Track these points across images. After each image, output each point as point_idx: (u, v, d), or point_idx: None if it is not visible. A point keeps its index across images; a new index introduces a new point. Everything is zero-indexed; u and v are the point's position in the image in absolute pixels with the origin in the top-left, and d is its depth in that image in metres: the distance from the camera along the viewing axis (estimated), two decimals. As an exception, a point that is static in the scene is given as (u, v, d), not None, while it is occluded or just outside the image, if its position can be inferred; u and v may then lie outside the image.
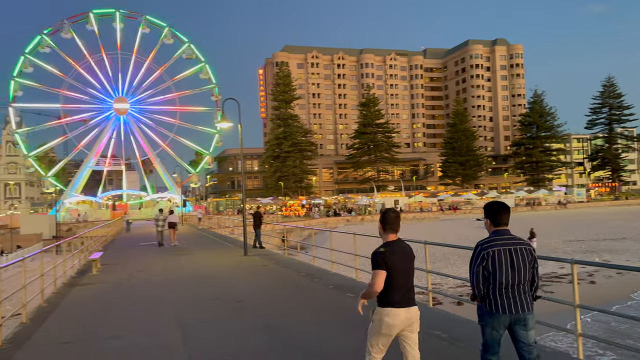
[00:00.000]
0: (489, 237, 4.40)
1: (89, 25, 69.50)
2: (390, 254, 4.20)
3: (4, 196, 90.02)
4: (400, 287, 4.22)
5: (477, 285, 4.33)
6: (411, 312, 4.26)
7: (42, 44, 67.19)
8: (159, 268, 15.77)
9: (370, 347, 4.29)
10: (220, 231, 36.27)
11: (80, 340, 7.30)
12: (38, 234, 46.46)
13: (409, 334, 4.29)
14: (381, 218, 4.42)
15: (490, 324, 4.30)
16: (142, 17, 71.45)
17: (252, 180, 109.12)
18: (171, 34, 72.81)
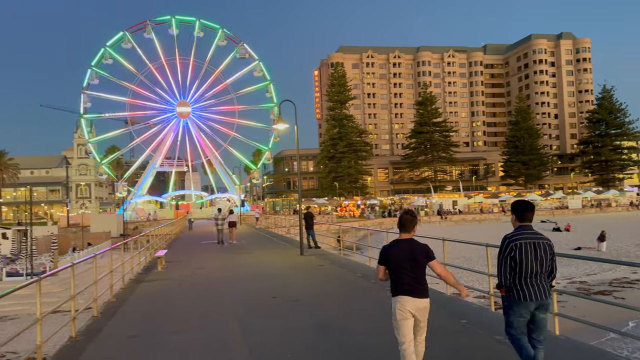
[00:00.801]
0: (515, 231, 4.95)
1: (170, 30, 72.66)
2: (393, 250, 4.89)
3: (76, 196, 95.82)
4: (405, 279, 4.79)
5: (504, 274, 4.84)
6: (419, 302, 4.77)
7: (125, 40, 71.06)
8: (220, 266, 16.21)
9: (397, 336, 4.84)
10: (276, 230, 36.84)
11: (146, 334, 7.62)
12: (107, 232, 49.05)
13: (417, 322, 4.82)
14: (399, 221, 5.05)
15: (517, 311, 4.80)
16: (221, 30, 73.86)
17: (308, 181, 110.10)
18: (244, 49, 74.69)
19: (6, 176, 79.64)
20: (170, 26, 73.26)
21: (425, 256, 4.84)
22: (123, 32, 71.23)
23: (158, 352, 6.65)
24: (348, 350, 6.39)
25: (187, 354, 6.52)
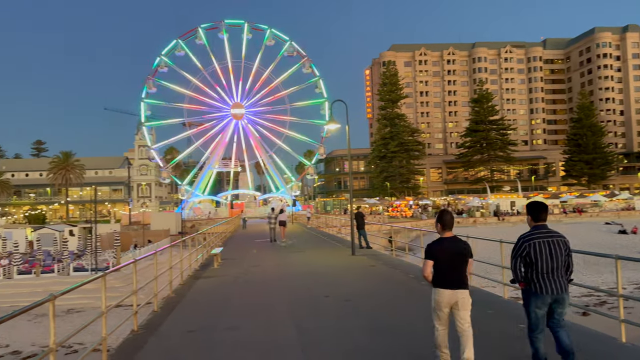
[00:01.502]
0: (530, 231, 5.33)
1: (220, 34, 74.73)
2: (438, 246, 5.38)
3: (137, 195, 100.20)
4: (446, 273, 5.30)
5: (516, 270, 5.34)
6: (457, 293, 5.27)
7: (178, 47, 73.77)
8: (273, 264, 16.47)
9: (434, 321, 5.47)
10: (327, 230, 36.98)
11: (204, 329, 7.86)
12: (166, 229, 50.98)
13: (456, 311, 5.29)
14: (438, 218, 5.57)
15: (534, 303, 5.22)
16: (269, 30, 75.22)
17: (358, 181, 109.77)
18: (293, 48, 75.65)
19: (73, 176, 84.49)
20: (220, 31, 75.13)
21: (468, 253, 5.41)
22: (176, 40, 73.75)
23: (215, 347, 6.85)
24: (399, 353, 6.32)
25: (243, 350, 6.67)
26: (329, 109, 75.55)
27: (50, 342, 4.71)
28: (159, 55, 73.89)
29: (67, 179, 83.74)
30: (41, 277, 30.69)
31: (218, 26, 74.77)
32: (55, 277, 30.65)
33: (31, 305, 4.35)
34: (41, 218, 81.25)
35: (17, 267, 31.57)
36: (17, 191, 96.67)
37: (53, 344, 4.71)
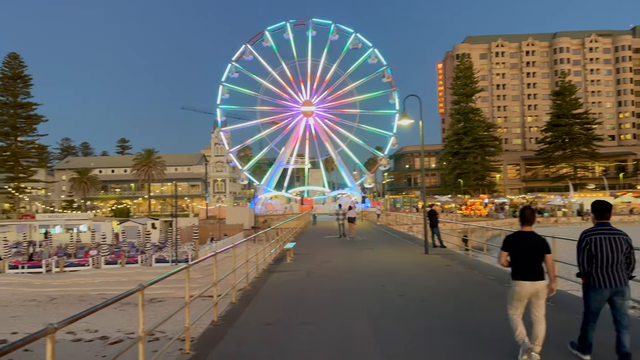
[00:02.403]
0: (593, 227, 5.69)
1: (286, 34, 76.17)
2: (515, 239, 5.76)
3: (213, 190, 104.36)
4: (524, 266, 5.64)
5: (583, 264, 5.62)
6: (536, 284, 5.60)
7: (246, 52, 76.03)
8: (344, 260, 16.42)
9: (509, 306, 5.85)
10: (398, 228, 36.45)
11: (280, 323, 7.95)
12: (240, 224, 52.62)
13: (535, 300, 5.64)
14: (519, 213, 5.96)
15: (594, 296, 5.54)
16: (332, 25, 75.61)
17: (429, 178, 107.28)
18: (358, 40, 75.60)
19: (154, 172, 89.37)
20: (285, 31, 76.23)
21: (544, 248, 5.69)
22: (244, 45, 75.77)
23: (292, 341, 6.88)
24: (480, 357, 6.02)
25: (319, 345, 6.64)
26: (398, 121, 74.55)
27: (140, 330, 4.91)
28: (230, 62, 76.33)
29: (149, 175, 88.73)
30: (126, 267, 32.75)
31: (283, 27, 76.03)
32: (139, 268, 32.57)
33: (123, 294, 4.55)
34: (126, 212, 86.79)
35: (105, 257, 33.90)
36: (104, 186, 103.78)
37: (142, 332, 4.90)
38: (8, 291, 28.97)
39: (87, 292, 29.05)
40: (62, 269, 32.56)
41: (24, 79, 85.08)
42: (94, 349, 18.56)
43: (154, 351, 6.09)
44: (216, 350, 6.55)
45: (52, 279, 30.88)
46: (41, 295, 28.66)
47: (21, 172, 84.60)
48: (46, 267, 32.69)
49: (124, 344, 18.96)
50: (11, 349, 2.81)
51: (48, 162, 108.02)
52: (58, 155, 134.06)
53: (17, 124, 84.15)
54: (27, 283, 30.17)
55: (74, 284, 30.17)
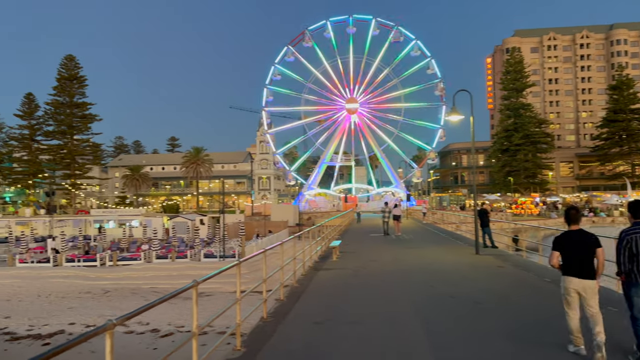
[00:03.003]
0: (631, 226, 5.84)
1: (326, 33, 76.22)
2: (565, 238, 6.03)
3: (258, 188, 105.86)
4: (573, 263, 5.86)
5: (624, 262, 5.75)
6: (584, 282, 5.80)
7: (288, 54, 76.61)
8: (391, 259, 16.17)
9: (564, 306, 6.05)
10: (445, 227, 35.71)
11: (329, 321, 7.85)
12: (284, 221, 53.03)
13: (585, 299, 5.81)
14: (565, 214, 6.21)
15: (636, 292, 5.68)
16: (373, 19, 75.03)
17: (477, 176, 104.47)
18: (399, 33, 74.70)
19: (202, 170, 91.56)
20: (325, 29, 76.09)
21: (595, 243, 5.88)
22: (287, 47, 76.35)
23: (342, 341, 6.77)
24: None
25: (369, 346, 6.50)
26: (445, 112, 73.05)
27: (193, 326, 4.93)
28: (273, 64, 77.05)
29: (198, 172, 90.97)
30: (176, 261, 33.64)
31: (323, 25, 75.95)
32: (189, 263, 33.38)
33: (179, 290, 4.57)
34: (175, 208, 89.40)
35: (156, 252, 34.94)
36: (155, 183, 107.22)
37: (196, 328, 4.92)
38: (65, 283, 30.35)
39: (139, 286, 30.02)
40: (116, 263, 33.83)
41: (79, 79, 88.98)
42: (145, 342, 19.11)
43: (203, 345, 6.14)
44: (267, 348, 6.53)
45: (106, 272, 32.13)
46: (96, 287, 29.85)
47: (77, 169, 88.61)
48: (100, 260, 34.06)
49: (175, 337, 19.46)
50: (73, 344, 2.85)
51: (102, 160, 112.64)
52: (111, 153, 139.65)
53: (73, 123, 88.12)
54: (82, 276, 31.52)
55: (126, 278, 31.26)
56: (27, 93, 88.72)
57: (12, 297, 27.84)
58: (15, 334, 20.77)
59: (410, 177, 78.86)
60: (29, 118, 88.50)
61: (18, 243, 39.77)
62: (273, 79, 77.42)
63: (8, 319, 22.90)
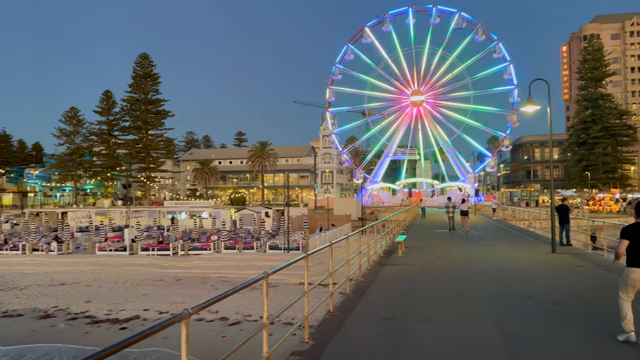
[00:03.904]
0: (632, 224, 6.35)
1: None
2: (634, 228, 6.23)
3: (321, 182, 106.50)
4: None
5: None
6: None
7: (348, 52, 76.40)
8: (459, 256, 15.64)
9: (620, 293, 6.35)
10: (516, 223, 34.20)
11: (398, 318, 7.64)
12: (347, 215, 53.01)
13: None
14: (635, 207, 6.50)
15: None
16: (434, 7, 72.96)
17: (551, 170, 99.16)
18: (462, 19, 72.15)
19: (267, 164, 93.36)
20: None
21: None
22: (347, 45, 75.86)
23: (413, 339, 6.55)
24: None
25: (443, 347, 6.23)
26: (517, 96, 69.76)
27: (264, 317, 4.92)
28: (333, 64, 76.96)
29: (263, 166, 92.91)
30: (243, 252, 34.54)
31: (382, 20, 74.66)
32: (255, 254, 34.17)
33: (250, 281, 4.57)
34: (242, 200, 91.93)
35: (224, 242, 36.05)
36: (223, 176, 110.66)
37: (266, 319, 4.91)
38: (140, 271, 32.03)
39: (209, 275, 31.12)
40: (187, 252, 35.25)
41: (153, 77, 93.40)
42: (214, 329, 19.75)
43: (271, 335, 6.15)
44: (335, 342, 6.44)
45: (178, 261, 33.56)
46: (168, 275, 31.27)
47: (151, 162, 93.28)
48: (173, 250, 35.63)
49: (242, 325, 19.97)
50: (152, 332, 2.92)
51: (175, 154, 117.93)
52: (183, 148, 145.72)
53: (148, 119, 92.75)
54: (156, 264, 33.13)
55: (196, 267, 32.51)
56: (105, 90, 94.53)
57: (92, 283, 29.77)
58: (95, 317, 22.18)
59: (485, 165, 75.98)
60: (107, 114, 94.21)
61: (97, 232, 42.48)
62: (334, 79, 77.48)
63: (89, 304, 24.50)
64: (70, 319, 21.98)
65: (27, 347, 18.44)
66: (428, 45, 74.76)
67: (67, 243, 37.44)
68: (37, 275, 31.41)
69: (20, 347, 18.46)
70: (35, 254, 36.05)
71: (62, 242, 37.46)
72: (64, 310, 23.44)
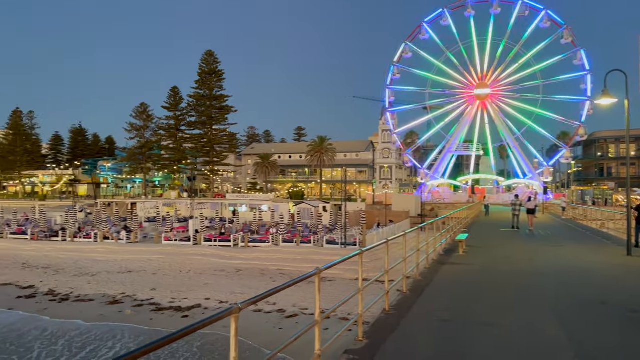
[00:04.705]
0: None
1: (443, 21, 72.90)
2: None
3: (379, 177, 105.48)
4: None
5: None
6: None
7: (405, 50, 75.03)
8: (525, 257, 14.88)
9: None
10: (587, 223, 32.20)
11: (457, 320, 7.32)
12: (406, 211, 52.18)
13: None
14: None
15: None
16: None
17: (627, 167, 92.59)
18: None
19: (326, 158, 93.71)
20: (443, 17, 72.45)
21: None
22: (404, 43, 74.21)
23: (474, 344, 6.23)
24: None
25: (505, 352, 5.88)
26: (591, 82, 65.74)
27: (316, 314, 4.83)
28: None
29: (321, 160, 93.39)
30: (301, 246, 34.85)
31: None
32: (312, 248, 34.38)
33: (302, 277, 4.50)
34: (300, 195, 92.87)
35: (283, 236, 36.54)
36: (282, 171, 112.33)
37: (318, 317, 4.81)
38: (202, 261, 33.12)
39: (267, 267, 31.69)
40: (247, 244, 36.06)
41: (217, 74, 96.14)
42: (272, 321, 20.05)
43: (325, 329, 6.06)
44: (390, 342, 6.25)
45: (238, 252, 34.40)
46: (229, 266, 32.13)
47: (215, 156, 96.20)
48: (234, 241, 36.56)
49: (299, 318, 20.13)
50: (201, 325, 2.96)
51: (237, 148, 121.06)
52: (245, 142, 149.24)
53: (212, 114, 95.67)
54: (218, 255, 34.13)
55: (256, 259, 33.18)
56: (172, 87, 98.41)
57: (158, 271, 31.13)
58: (159, 305, 23.16)
59: (559, 157, 72.26)
60: (174, 110, 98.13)
61: (164, 222, 44.37)
62: (393, 79, 76.41)
63: (154, 291, 25.63)
64: (136, 306, 23.10)
65: (101, 325, 19.59)
66: (491, 36, 71.95)
67: (135, 232, 39.35)
68: (107, 263, 33.25)
69: (97, 325, 19.75)
70: (105, 242, 38.18)
71: (131, 232, 39.41)
72: (130, 297, 24.67)
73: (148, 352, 2.45)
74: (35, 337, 18.76)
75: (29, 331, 19.42)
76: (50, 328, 19.75)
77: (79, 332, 19.23)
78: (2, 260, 34.47)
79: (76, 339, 18.47)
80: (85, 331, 19.36)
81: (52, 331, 19.33)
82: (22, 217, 49.46)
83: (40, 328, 19.74)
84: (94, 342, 18.08)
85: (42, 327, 19.79)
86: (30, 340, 18.34)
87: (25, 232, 41.11)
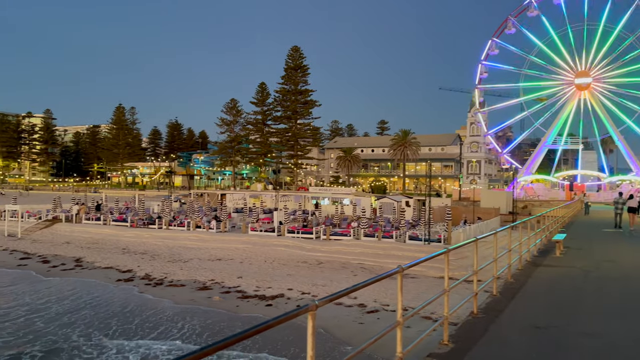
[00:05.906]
0: None
1: None
2: None
3: (467, 172, 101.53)
4: None
5: None
6: None
7: (509, 26, 70.97)
8: (632, 260, 13.48)
9: None
10: None
11: (554, 328, 6.69)
12: (496, 208, 49.68)
13: None
14: None
15: None
16: None
17: None
18: None
19: (409, 152, 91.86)
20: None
21: None
22: (508, 18, 69.95)
23: (573, 355, 5.64)
24: None
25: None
26: None
27: (398, 315, 4.57)
28: (490, 38, 72.11)
29: (405, 154, 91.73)
30: (382, 241, 34.41)
31: (527, 5, 67.65)
32: (394, 243, 33.82)
33: (383, 275, 4.27)
34: (382, 189, 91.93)
35: (364, 230, 36.31)
36: (365, 164, 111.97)
37: (400, 317, 4.55)
38: (286, 252, 33.81)
39: (349, 261, 31.65)
40: (329, 237, 36.27)
41: (302, 69, 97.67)
42: (352, 315, 19.96)
43: (407, 327, 5.77)
44: (477, 348, 5.83)
45: (320, 245, 34.70)
46: (311, 258, 32.51)
47: (299, 150, 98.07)
48: (316, 234, 36.93)
49: (380, 314, 19.85)
50: (279, 321, 2.93)
51: (320, 142, 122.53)
52: (328, 136, 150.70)
53: (297, 108, 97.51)
54: (300, 247, 34.66)
55: (337, 252, 33.28)
56: (260, 82, 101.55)
57: (244, 260, 32.24)
58: (245, 292, 23.95)
59: None
60: (261, 105, 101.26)
61: (250, 213, 45.90)
62: (490, 54, 72.63)
63: (240, 279, 26.56)
64: (223, 292, 24.07)
65: (192, 307, 20.67)
66: (586, 21, 66.20)
67: (224, 222, 41.08)
68: (199, 250, 35.01)
69: (187, 307, 20.90)
70: (197, 231, 40.24)
71: (220, 221, 41.20)
72: (219, 284, 25.76)
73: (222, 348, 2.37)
74: (140, 309, 20.33)
75: (137, 306, 21.15)
76: (149, 304, 21.37)
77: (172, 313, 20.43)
78: (105, 245, 37.56)
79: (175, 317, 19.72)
80: (179, 311, 20.54)
81: (151, 307, 20.78)
82: (124, 205, 53.55)
83: (143, 305, 21.30)
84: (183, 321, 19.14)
85: (143, 304, 21.33)
86: (139, 313, 19.92)
87: (126, 219, 44.42)
